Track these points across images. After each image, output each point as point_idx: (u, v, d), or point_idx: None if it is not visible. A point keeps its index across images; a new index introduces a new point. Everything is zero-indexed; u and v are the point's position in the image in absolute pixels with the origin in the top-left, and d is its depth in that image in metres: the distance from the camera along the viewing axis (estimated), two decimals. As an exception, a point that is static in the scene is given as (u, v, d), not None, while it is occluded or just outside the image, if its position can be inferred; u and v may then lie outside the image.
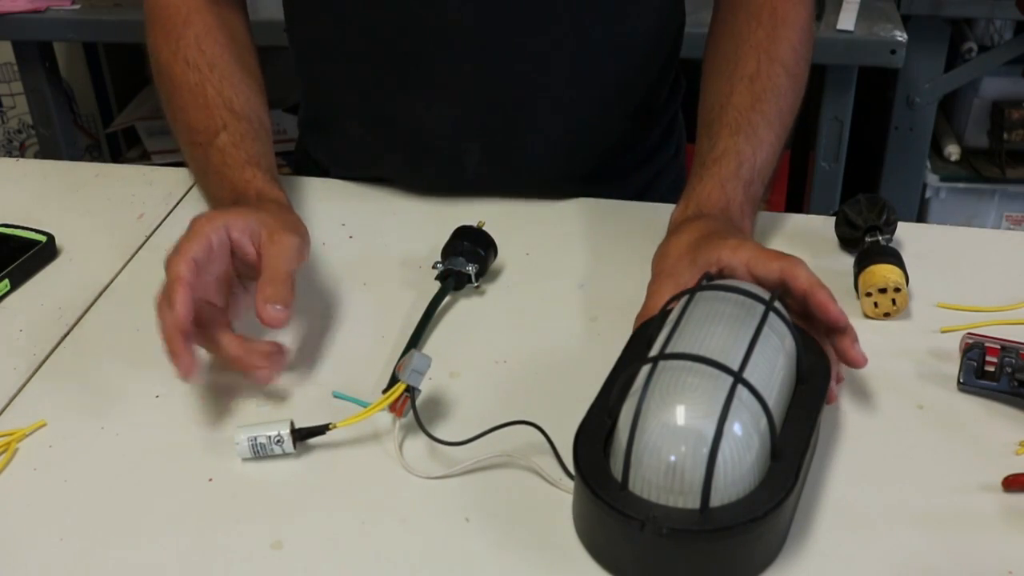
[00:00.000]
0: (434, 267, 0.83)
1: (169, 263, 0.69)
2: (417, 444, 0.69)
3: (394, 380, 0.68)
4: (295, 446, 0.67)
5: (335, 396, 0.69)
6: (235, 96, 0.87)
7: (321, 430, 0.68)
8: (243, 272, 0.75)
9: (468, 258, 0.82)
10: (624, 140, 1.01)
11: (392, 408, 0.68)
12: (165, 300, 0.68)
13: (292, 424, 0.68)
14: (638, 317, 0.73)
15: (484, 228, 0.85)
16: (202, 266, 0.70)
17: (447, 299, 0.81)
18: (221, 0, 0.92)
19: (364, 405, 0.68)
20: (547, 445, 0.67)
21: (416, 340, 0.76)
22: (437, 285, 0.82)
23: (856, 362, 0.69)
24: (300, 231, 0.77)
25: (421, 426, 0.67)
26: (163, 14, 0.91)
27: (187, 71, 0.88)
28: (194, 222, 0.73)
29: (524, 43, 0.91)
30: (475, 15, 0.88)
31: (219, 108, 0.86)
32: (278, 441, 0.67)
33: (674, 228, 0.80)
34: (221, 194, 0.83)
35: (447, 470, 0.67)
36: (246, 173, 0.83)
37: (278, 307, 0.69)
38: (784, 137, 0.86)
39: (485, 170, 0.96)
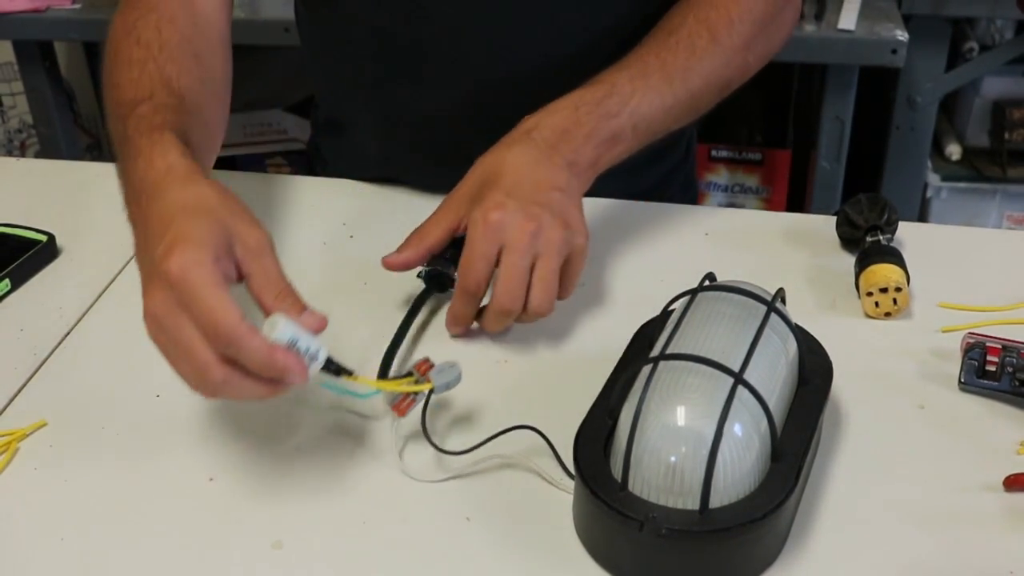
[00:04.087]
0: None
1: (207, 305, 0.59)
2: (418, 446, 0.68)
3: (385, 371, 0.66)
4: (319, 373, 0.63)
5: (323, 387, 0.66)
6: (176, 76, 0.77)
7: (347, 371, 0.64)
8: None
9: (454, 260, 0.78)
10: None
11: (396, 406, 0.66)
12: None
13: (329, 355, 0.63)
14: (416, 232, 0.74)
15: None
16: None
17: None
18: None
19: (355, 395, 0.66)
20: (548, 445, 0.67)
21: (399, 341, 0.75)
22: (438, 285, 0.81)
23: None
24: (248, 214, 0.66)
25: (427, 437, 0.66)
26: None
27: (134, 48, 0.78)
28: (185, 279, 0.59)
29: (529, 37, 0.91)
30: (482, 8, 0.89)
31: (152, 82, 0.76)
32: (313, 356, 0.62)
33: (506, 138, 0.78)
34: (126, 164, 0.71)
35: (447, 474, 0.67)
36: (155, 136, 0.69)
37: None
38: (686, 102, 0.79)
39: None
